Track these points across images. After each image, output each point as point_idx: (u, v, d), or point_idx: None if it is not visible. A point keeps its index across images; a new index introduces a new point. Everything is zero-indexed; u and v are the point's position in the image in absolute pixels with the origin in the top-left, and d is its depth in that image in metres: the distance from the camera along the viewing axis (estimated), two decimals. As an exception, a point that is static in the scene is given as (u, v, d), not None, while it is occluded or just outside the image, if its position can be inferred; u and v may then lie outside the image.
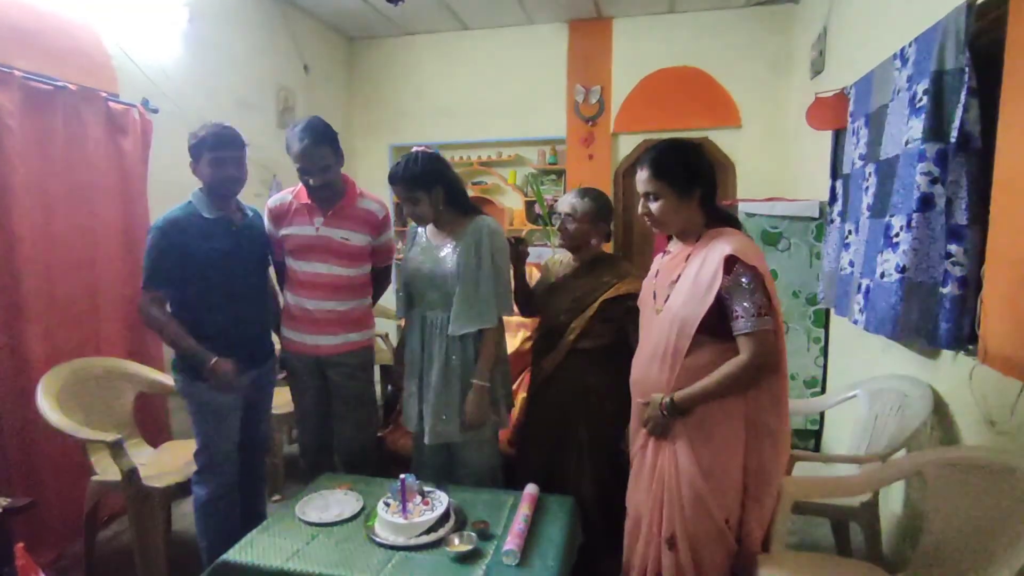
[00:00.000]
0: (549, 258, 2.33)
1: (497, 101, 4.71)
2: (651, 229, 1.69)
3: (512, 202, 4.80)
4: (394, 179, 1.90)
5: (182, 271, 1.89)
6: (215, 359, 1.88)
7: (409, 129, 4.89)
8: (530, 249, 4.36)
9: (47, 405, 2.14)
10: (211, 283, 1.92)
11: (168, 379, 2.59)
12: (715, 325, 1.50)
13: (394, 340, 3.82)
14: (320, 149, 1.96)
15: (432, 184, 1.89)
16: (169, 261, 1.87)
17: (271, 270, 2.23)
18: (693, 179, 1.56)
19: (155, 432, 2.73)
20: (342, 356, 2.11)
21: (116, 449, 2.07)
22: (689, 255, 1.59)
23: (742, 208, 3.23)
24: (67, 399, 2.25)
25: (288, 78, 4.12)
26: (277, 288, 2.29)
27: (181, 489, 2.21)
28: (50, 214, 2.37)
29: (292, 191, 2.14)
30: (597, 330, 2.02)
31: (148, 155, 2.79)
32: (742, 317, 1.47)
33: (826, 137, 3.07)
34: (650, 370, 1.62)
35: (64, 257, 2.43)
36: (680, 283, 1.58)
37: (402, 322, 2.19)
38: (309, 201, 2.07)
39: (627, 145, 4.55)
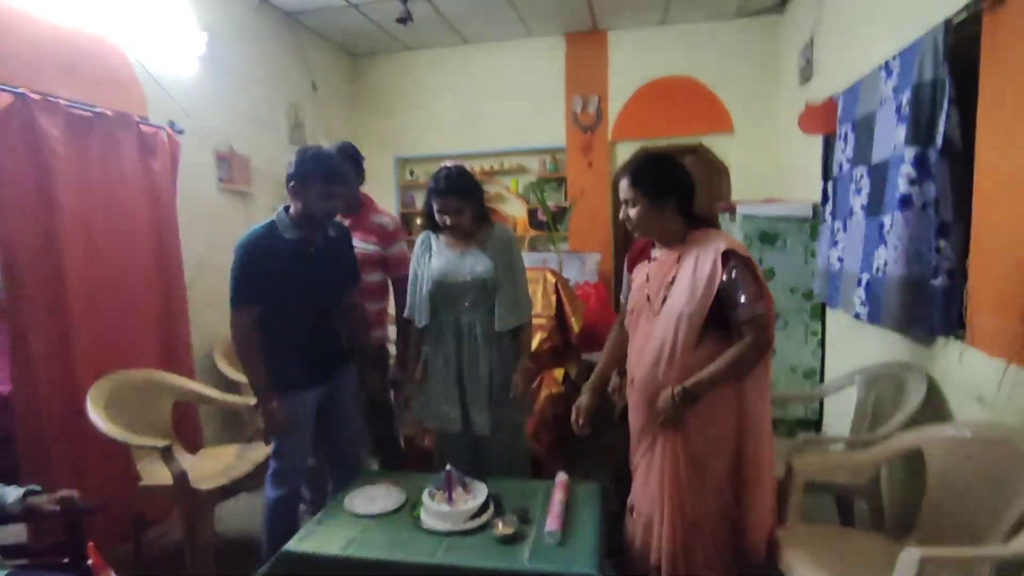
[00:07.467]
0: None
1: (498, 112, 4.89)
2: (631, 233, 1.81)
3: (515, 210, 4.97)
4: (448, 192, 2.03)
5: (263, 288, 1.99)
6: (272, 405, 1.99)
7: (413, 142, 5.05)
8: (534, 254, 4.52)
9: (97, 415, 2.25)
10: (285, 301, 2.01)
11: (201, 388, 2.73)
12: (712, 317, 1.62)
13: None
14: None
15: (476, 195, 2.08)
16: (253, 279, 1.97)
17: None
18: (666, 189, 1.70)
19: (189, 439, 2.84)
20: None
21: (166, 454, 2.19)
22: (680, 257, 1.70)
23: (740, 210, 3.40)
24: (112, 409, 2.35)
25: (298, 95, 4.26)
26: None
27: (225, 492, 2.34)
28: (91, 233, 2.49)
29: None
30: None
31: (176, 175, 2.92)
32: (742, 305, 1.59)
33: (813, 141, 3.26)
34: (657, 370, 1.69)
35: (104, 274, 2.54)
36: (678, 283, 1.67)
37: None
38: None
39: (625, 153, 4.74)
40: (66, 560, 1.74)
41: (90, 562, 1.65)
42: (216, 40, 3.33)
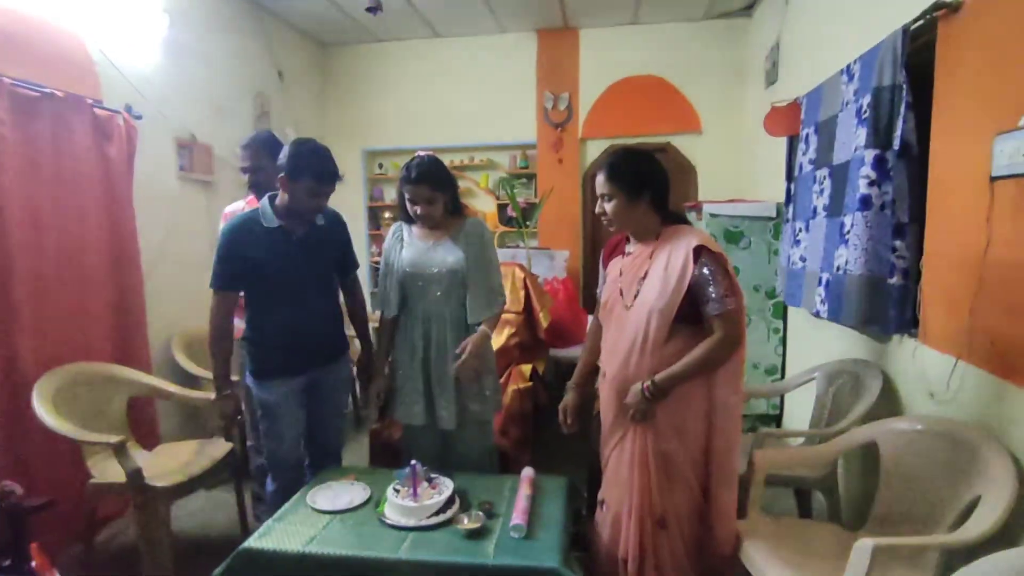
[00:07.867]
0: None
1: (469, 107, 4.85)
2: (607, 228, 1.82)
3: (484, 205, 4.94)
4: (420, 180, 1.99)
5: (241, 274, 1.97)
6: (225, 394, 2.02)
7: (382, 134, 4.97)
8: (504, 250, 4.52)
9: (44, 410, 2.16)
10: (265, 289, 2.00)
11: (158, 382, 2.64)
12: (684, 312, 1.63)
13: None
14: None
15: (449, 186, 2.06)
16: (232, 264, 1.95)
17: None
18: (642, 184, 1.71)
19: (145, 435, 2.75)
20: None
21: (119, 450, 2.11)
22: (652, 252, 1.72)
23: (706, 209, 3.45)
24: (61, 404, 2.26)
25: (263, 84, 4.15)
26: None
27: (182, 489, 2.27)
28: (39, 219, 2.37)
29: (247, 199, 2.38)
30: None
31: (133, 161, 2.81)
32: (713, 300, 1.60)
33: (778, 142, 3.33)
34: (628, 364, 1.71)
35: (53, 262, 2.43)
36: (650, 277, 1.69)
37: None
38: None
39: (595, 150, 4.76)
40: (8, 562, 1.67)
41: (33, 563, 1.58)
42: (178, 24, 3.21)
